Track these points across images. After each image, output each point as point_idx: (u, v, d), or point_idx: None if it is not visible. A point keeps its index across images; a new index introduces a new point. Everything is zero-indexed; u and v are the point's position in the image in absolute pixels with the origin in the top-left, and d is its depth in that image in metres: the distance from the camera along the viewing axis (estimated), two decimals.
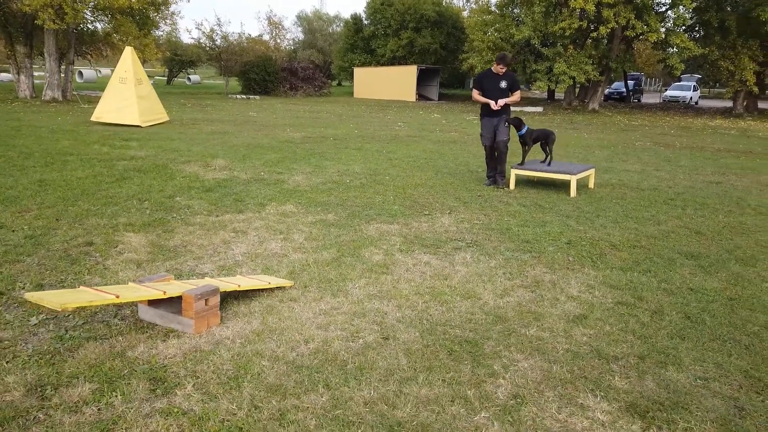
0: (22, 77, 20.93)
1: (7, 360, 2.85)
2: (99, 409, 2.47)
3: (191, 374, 2.77)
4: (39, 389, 2.60)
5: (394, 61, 35.90)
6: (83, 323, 3.30)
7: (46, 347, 2.99)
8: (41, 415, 2.41)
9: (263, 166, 8.87)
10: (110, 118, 14.08)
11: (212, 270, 4.28)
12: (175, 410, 2.48)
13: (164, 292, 3.16)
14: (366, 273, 4.26)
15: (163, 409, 2.48)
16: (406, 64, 34.48)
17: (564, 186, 7.71)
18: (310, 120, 17.90)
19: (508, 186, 7.56)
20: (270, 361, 2.92)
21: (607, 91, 31.42)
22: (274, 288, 3.87)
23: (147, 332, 3.20)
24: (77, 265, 4.26)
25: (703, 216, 6.38)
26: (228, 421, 2.41)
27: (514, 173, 7.66)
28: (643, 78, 48.47)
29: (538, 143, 7.77)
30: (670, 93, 36.80)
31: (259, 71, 31.27)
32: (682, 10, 23.17)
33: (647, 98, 43.54)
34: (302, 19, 49.93)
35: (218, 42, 32.30)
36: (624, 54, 25.71)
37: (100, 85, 35.65)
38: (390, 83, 33.30)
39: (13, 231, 5.02)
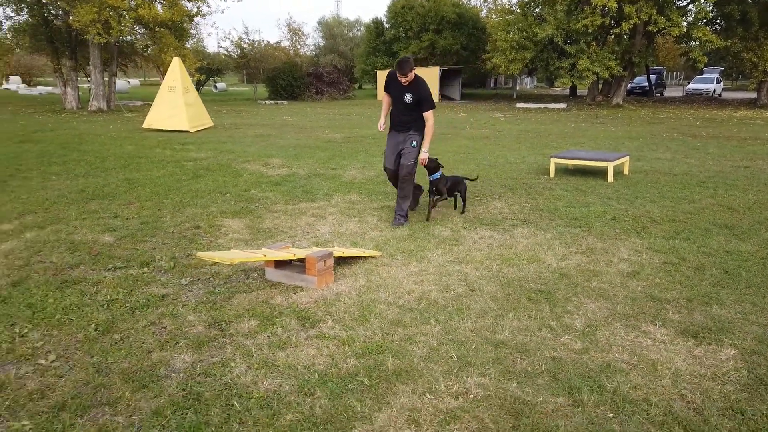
0: (69, 89, 22.09)
1: (181, 306, 3.60)
2: (268, 336, 3.20)
3: (327, 314, 3.50)
4: (216, 324, 3.35)
5: (415, 63, 36.52)
6: (224, 283, 4.05)
7: (204, 298, 3.74)
8: (227, 340, 3.15)
9: (316, 164, 9.62)
10: (161, 124, 15.02)
11: (308, 245, 5.01)
12: (326, 335, 3.20)
13: (294, 254, 3.90)
14: (440, 245, 4.95)
15: (316, 335, 3.21)
16: (428, 65, 35.13)
17: (600, 173, 8.31)
18: (342, 122, 18.66)
19: (406, 219, 5.63)
20: (384, 305, 3.63)
21: (629, 86, 31.69)
22: (367, 257, 4.59)
23: (278, 288, 3.94)
24: (195, 243, 5.03)
25: (733, 195, 6.94)
26: (369, 342, 3.12)
27: (553, 162, 8.29)
28: (665, 72, 48.44)
29: (455, 192, 6.15)
30: (693, 86, 36.87)
31: (285, 77, 32.19)
32: (703, 3, 23.48)
33: (670, 92, 43.57)
34: (323, 25, 50.92)
35: (246, 49, 33.32)
36: (646, 49, 26.04)
37: (133, 95, 36.99)
38: None
39: (128, 219, 5.82)
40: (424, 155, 5.53)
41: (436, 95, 32.72)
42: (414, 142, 5.54)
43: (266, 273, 4.16)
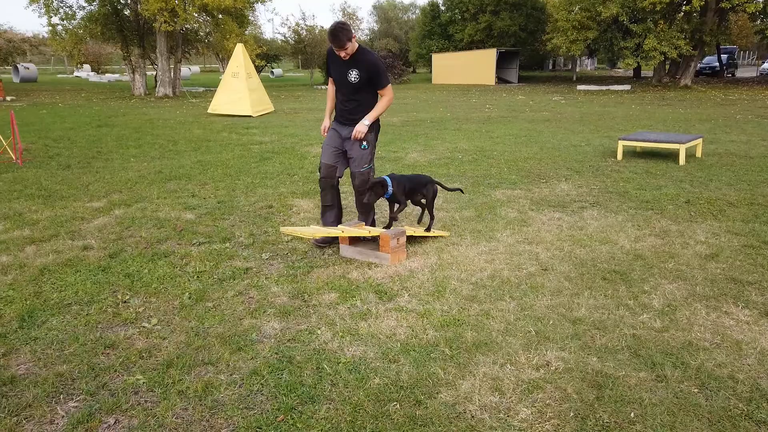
0: (137, 76, 23.11)
1: (264, 279, 3.82)
2: (349, 307, 3.36)
3: (403, 289, 3.62)
4: (299, 296, 3.54)
5: (471, 45, 36.04)
6: (302, 258, 4.24)
7: (285, 272, 3.94)
8: (311, 310, 3.33)
9: (378, 147, 9.74)
10: (225, 109, 15.54)
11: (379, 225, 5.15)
12: (404, 308, 3.32)
13: (369, 232, 4.03)
14: (508, 226, 4.98)
15: (394, 308, 3.34)
16: (485, 47, 34.55)
17: (671, 156, 8.05)
18: (399, 106, 18.70)
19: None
20: (458, 281, 3.72)
21: (698, 66, 30.12)
22: (436, 236, 4.67)
23: (353, 264, 4.09)
24: (270, 221, 5.26)
25: None
26: (446, 316, 3.22)
27: (621, 144, 8.08)
28: (737, 51, 45.66)
29: (418, 198, 4.62)
30: None
31: None
32: None
33: (742, 72, 41.08)
34: (378, 9, 50.82)
35: (303, 35, 33.75)
36: (717, 27, 24.65)
37: (194, 81, 38.26)
38: (469, 68, 33.51)
39: (205, 199, 6.13)
40: (360, 126, 4.19)
41: (492, 78, 32.24)
42: (365, 143, 4.27)
43: (341, 250, 4.32)
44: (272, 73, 47.05)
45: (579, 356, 2.74)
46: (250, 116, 15.15)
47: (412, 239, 4.53)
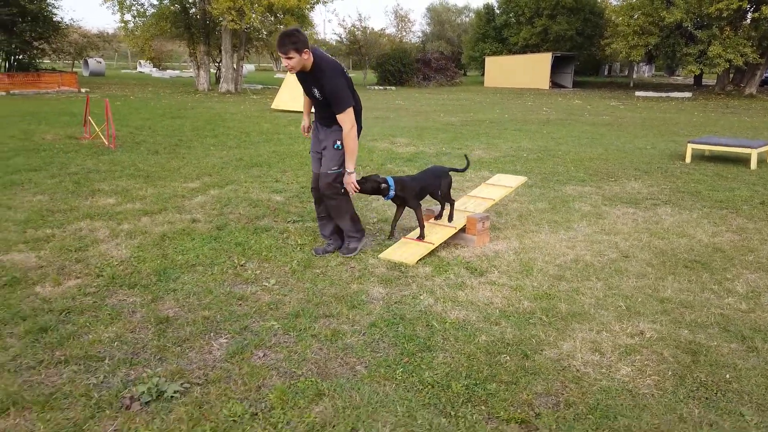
0: (201, 72, 24.11)
1: (361, 253, 4.16)
2: (444, 279, 3.66)
3: (492, 267, 3.90)
4: (396, 268, 3.86)
5: (526, 49, 35.81)
6: (391, 237, 4.57)
7: (377, 248, 4.27)
8: (409, 280, 3.65)
9: (441, 144, 10.02)
10: (287, 106, 16.10)
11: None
12: (495, 283, 3.60)
13: (455, 228, 4.32)
14: (584, 218, 5.18)
15: (487, 282, 3.62)
16: (539, 51, 34.29)
17: (741, 161, 8.01)
18: (455, 107, 18.91)
19: (358, 241, 4.22)
20: (543, 263, 3.97)
21: (764, 74, 29.09)
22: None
23: (441, 245, 4.39)
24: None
25: None
26: (536, 290, 3.48)
27: (690, 147, 8.10)
28: None
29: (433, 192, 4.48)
30: None
31: (395, 63, 32.84)
32: None
33: None
34: (431, 11, 51.06)
35: (358, 36, 34.34)
36: None
37: (251, 79, 39.46)
38: (522, 71, 33.34)
39: (288, 184, 6.56)
40: (349, 179, 3.87)
41: (546, 82, 31.99)
42: (339, 143, 3.90)
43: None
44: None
45: (670, 328, 2.95)
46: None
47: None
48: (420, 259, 3.97)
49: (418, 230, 4.34)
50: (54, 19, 25.61)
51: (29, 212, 4.99)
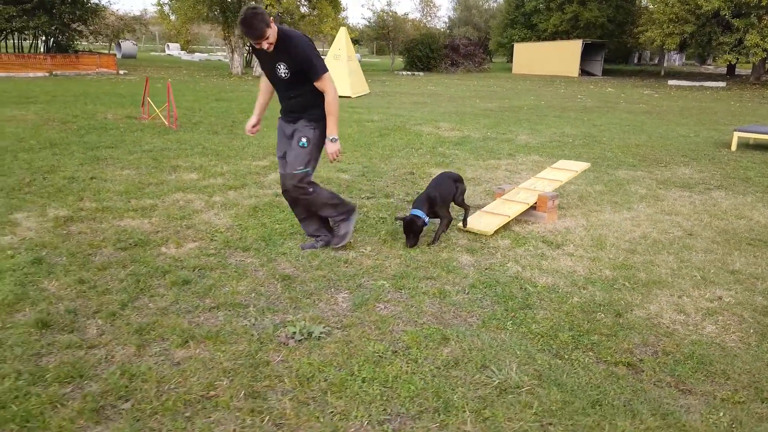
0: (236, 56, 24.52)
1: (437, 226, 4.50)
2: (524, 250, 3.99)
3: (566, 241, 4.21)
4: (477, 239, 4.19)
5: (555, 35, 35.57)
6: (460, 213, 4.90)
7: (452, 223, 4.61)
8: (492, 250, 3.98)
9: (484, 129, 10.28)
10: None
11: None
12: (573, 254, 3.92)
13: (528, 203, 4.63)
14: (642, 200, 5.45)
15: (564, 253, 3.94)
16: (569, 38, 34.04)
17: None
18: (488, 93, 19.07)
19: (340, 240, 3.91)
20: (614, 239, 4.27)
21: None
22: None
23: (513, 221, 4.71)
24: (415, 185, 5.95)
25: None
26: (613, 261, 3.79)
27: (736, 135, 8.26)
28: None
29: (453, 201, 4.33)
30: None
31: (423, 48, 32.90)
32: None
33: None
34: None
35: (387, 21, 34.44)
36: None
37: None
38: (552, 58, 33.17)
39: (350, 164, 6.90)
40: (332, 146, 3.62)
41: (575, 69, 31.81)
42: (304, 140, 3.58)
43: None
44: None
45: (745, 296, 3.25)
46: (348, 97, 15.96)
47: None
48: (497, 230, 4.29)
49: (494, 203, 4.68)
50: (92, 2, 26.17)
51: (125, 184, 5.41)
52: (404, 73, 31.29)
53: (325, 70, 3.51)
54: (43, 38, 25.82)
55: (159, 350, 2.54)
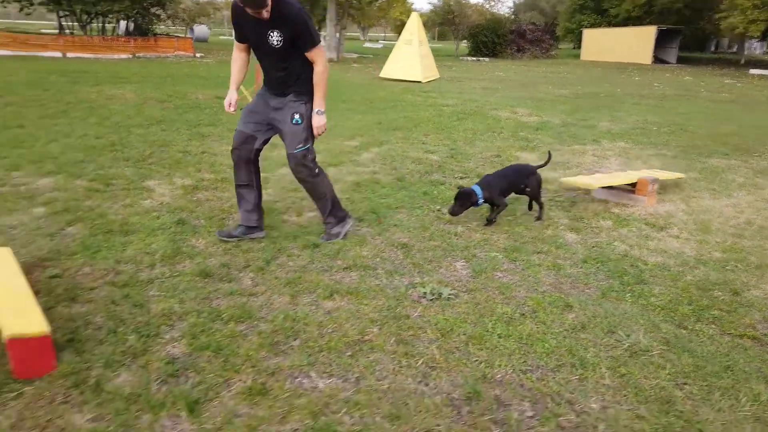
0: None
1: None
2: (628, 231, 4.08)
3: (668, 224, 4.27)
4: (578, 219, 4.31)
5: (627, 21, 34.31)
6: (559, 195, 5.01)
7: (549, 205, 4.74)
8: (596, 229, 4.10)
9: (563, 114, 10.21)
10: (396, 74, 16.63)
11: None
12: (678, 236, 3.99)
13: (631, 183, 4.70)
14: (741, 187, 5.39)
15: (669, 236, 4.01)
16: (642, 24, 32.74)
17: None
18: (559, 80, 18.74)
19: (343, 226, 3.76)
20: (718, 224, 4.29)
21: None
22: (674, 179, 5.22)
23: (609, 203, 4.79)
24: (504, 166, 6.07)
25: None
26: (721, 244, 3.84)
27: None
28: None
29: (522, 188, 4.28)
30: None
31: (489, 34, 32.49)
32: None
33: None
34: None
35: (453, 6, 34.17)
36: None
37: (360, 49, 40.26)
38: (623, 45, 32.04)
39: (436, 146, 7.09)
40: (318, 119, 3.48)
41: (648, 57, 30.62)
42: (297, 116, 3.42)
43: (594, 192, 5.03)
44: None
45: None
46: (419, 82, 16.09)
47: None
48: (605, 186, 4.38)
49: (595, 175, 4.79)
50: None
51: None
52: (469, 58, 31.05)
53: (319, 40, 3.39)
54: (124, 22, 27.18)
55: (309, 300, 2.84)
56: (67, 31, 26.78)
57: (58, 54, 20.64)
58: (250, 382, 2.15)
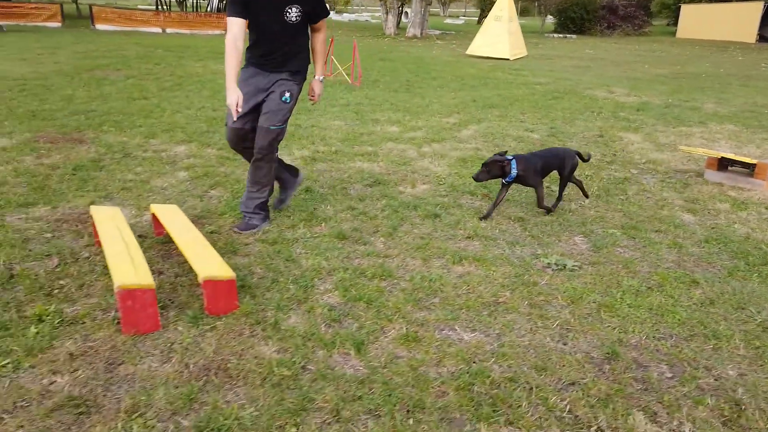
0: (390, 17, 25.13)
1: (651, 186, 4.62)
2: (747, 215, 4.01)
3: None
4: (693, 201, 4.28)
5: None
6: (668, 177, 4.95)
7: (661, 185, 4.70)
8: (713, 213, 4.06)
9: (663, 95, 9.81)
10: (484, 51, 16.44)
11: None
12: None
13: (751, 161, 4.58)
14: None
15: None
16: (747, 0, 30.27)
17: None
18: (655, 58, 17.84)
19: (263, 219, 3.49)
20: None
21: None
22: None
23: (723, 186, 4.69)
24: (610, 146, 6.02)
25: None
26: None
27: None
28: None
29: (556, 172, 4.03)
30: None
31: (578, 10, 31.17)
32: None
33: None
34: None
35: None
36: None
37: (441, 26, 39.95)
38: (724, 22, 29.82)
39: (535, 124, 7.09)
40: (320, 86, 3.47)
41: (752, 35, 28.37)
42: (287, 94, 3.28)
43: (706, 174, 4.93)
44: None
45: None
46: (507, 59, 15.85)
47: None
48: (727, 158, 4.34)
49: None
50: None
51: (342, 133, 6.12)
52: (555, 35, 29.99)
53: (328, 13, 3.39)
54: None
55: (440, 264, 3.07)
56: (163, 7, 28.27)
57: (158, 30, 21.92)
58: (404, 330, 2.41)
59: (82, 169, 4.42)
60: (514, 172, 3.60)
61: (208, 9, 29.96)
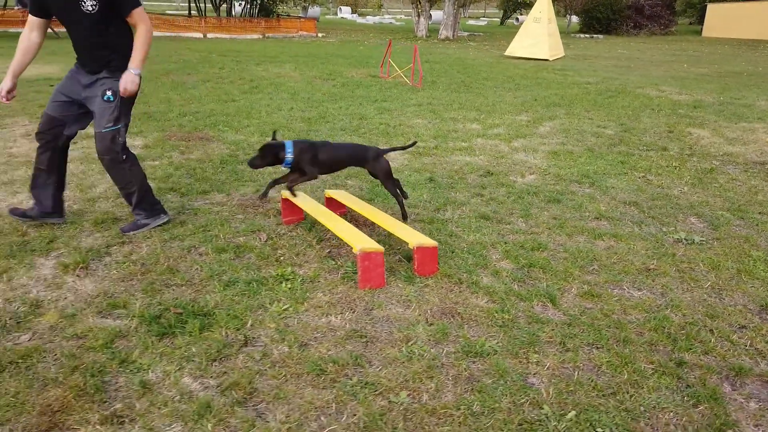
0: (421, 19, 25.64)
1: (678, 181, 5.04)
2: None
3: None
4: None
5: None
6: (748, 168, 5.36)
7: (696, 178, 5.12)
8: (759, 213, 4.48)
9: (713, 93, 10.17)
10: (522, 52, 16.85)
11: None
12: None
13: None
14: None
15: None
16: None
17: None
18: (690, 58, 18.12)
19: (150, 217, 3.47)
20: None
21: None
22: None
23: None
24: (681, 141, 6.43)
25: None
26: None
27: None
28: None
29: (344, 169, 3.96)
30: None
31: (604, 9, 31.44)
32: None
33: None
34: None
35: None
36: None
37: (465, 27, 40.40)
38: (753, 21, 29.92)
39: (603, 121, 7.51)
40: (131, 78, 3.11)
41: None
42: (109, 93, 3.15)
43: None
44: (517, 20, 47.03)
45: None
46: (546, 60, 16.24)
47: None
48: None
49: None
50: None
51: (431, 130, 6.60)
52: (581, 35, 30.28)
53: (139, 5, 3.11)
54: (239, 5, 29.01)
55: (584, 240, 3.54)
56: (199, 13, 29.07)
57: (200, 35, 22.65)
58: (584, 288, 2.89)
59: (228, 163, 4.96)
60: (289, 157, 3.29)
61: (233, 14, 30.71)
